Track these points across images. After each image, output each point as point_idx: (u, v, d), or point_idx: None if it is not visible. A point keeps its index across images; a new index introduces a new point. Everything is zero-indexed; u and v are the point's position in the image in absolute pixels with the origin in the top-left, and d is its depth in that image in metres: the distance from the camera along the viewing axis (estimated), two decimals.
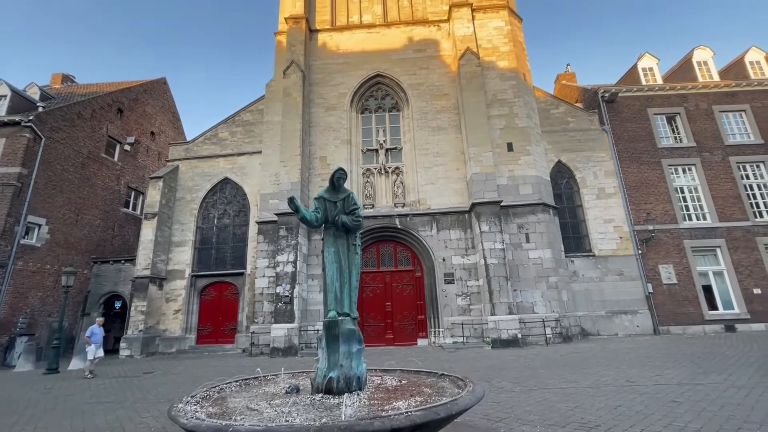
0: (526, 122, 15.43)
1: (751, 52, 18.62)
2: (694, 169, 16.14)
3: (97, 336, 10.85)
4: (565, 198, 16.06)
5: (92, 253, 17.97)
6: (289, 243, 14.03)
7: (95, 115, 18.97)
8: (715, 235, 15.16)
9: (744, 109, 16.83)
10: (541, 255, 13.82)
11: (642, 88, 17.28)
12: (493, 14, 17.11)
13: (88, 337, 10.82)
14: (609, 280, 14.85)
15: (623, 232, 15.34)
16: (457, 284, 14.16)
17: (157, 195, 16.25)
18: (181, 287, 16.06)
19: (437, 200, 15.19)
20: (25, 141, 15.41)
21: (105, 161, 19.40)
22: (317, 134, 16.48)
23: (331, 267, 4.76)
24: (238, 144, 17.54)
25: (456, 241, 14.56)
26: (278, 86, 16.70)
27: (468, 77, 15.60)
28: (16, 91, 16.97)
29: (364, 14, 18.46)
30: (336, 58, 17.50)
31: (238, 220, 16.80)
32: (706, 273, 14.96)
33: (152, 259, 15.55)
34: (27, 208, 15.16)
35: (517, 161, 14.94)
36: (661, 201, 15.64)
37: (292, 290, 13.51)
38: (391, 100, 17.17)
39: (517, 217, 14.28)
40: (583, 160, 16.30)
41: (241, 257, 16.28)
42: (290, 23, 17.29)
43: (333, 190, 5.19)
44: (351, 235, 5.00)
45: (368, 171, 16.18)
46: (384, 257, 15.30)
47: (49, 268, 16.02)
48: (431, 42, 17.40)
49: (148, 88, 23.09)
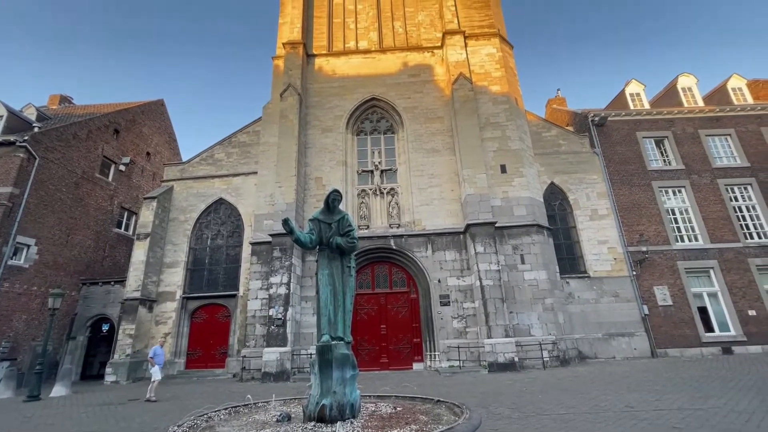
0: (518, 145, 15.71)
1: (732, 79, 19.33)
2: (684, 191, 16.42)
3: (160, 357, 10.65)
4: (558, 219, 16.19)
5: (81, 275, 17.62)
6: (283, 264, 13.89)
7: (91, 136, 19.02)
8: (707, 257, 15.28)
9: (729, 133, 17.32)
10: (536, 276, 13.78)
11: (630, 112, 17.78)
12: (485, 41, 17.70)
13: (151, 358, 10.59)
14: (605, 301, 14.80)
15: (617, 253, 15.41)
16: (452, 306, 14.01)
17: (151, 215, 16.12)
18: (171, 309, 15.72)
19: (432, 221, 15.22)
20: (19, 161, 15.34)
21: (99, 181, 19.32)
22: (313, 155, 16.62)
23: (325, 289, 4.71)
24: (233, 165, 17.60)
25: (451, 262, 14.51)
26: (275, 108, 16.95)
27: (461, 101, 15.96)
28: (12, 111, 17.02)
29: (360, 40, 19.01)
30: (332, 82, 17.87)
31: (231, 240, 16.66)
32: (701, 294, 14.98)
33: (143, 280, 15.27)
34: (16, 229, 14.94)
35: (511, 183, 15.12)
36: (654, 222, 15.82)
37: (285, 313, 13.27)
38: (387, 122, 17.46)
39: (512, 238, 14.32)
40: (575, 182, 16.54)
41: (233, 279, 16.04)
42: (288, 48, 17.72)
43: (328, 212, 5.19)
44: (345, 257, 4.97)
45: (363, 192, 16.25)
46: (379, 279, 15.16)
47: (36, 290, 15.64)
48: (425, 67, 17.88)
49: (146, 109, 23.30)
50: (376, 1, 19.68)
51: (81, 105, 23.86)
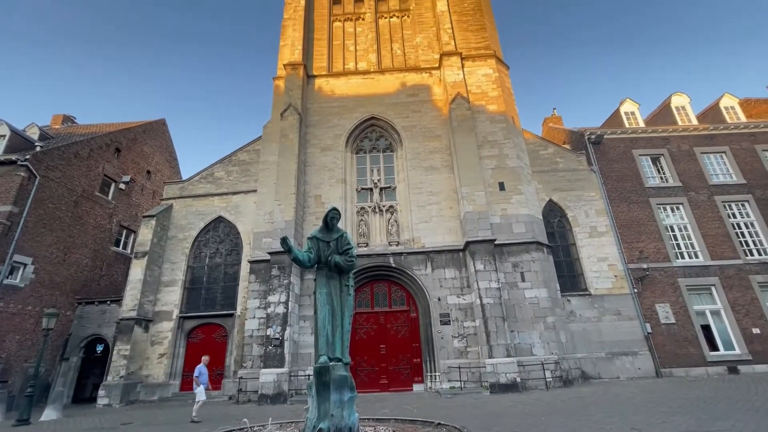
0: (516, 162, 15.85)
1: (725, 98, 19.72)
2: (682, 207, 16.48)
3: (204, 376, 10.39)
4: (558, 236, 16.17)
5: (77, 294, 17.43)
6: (281, 283, 13.77)
7: (92, 155, 19.18)
8: (708, 274, 15.20)
9: (724, 150, 17.52)
10: (537, 294, 13.66)
11: (626, 130, 18.03)
12: (481, 62, 18.10)
13: (196, 377, 10.32)
14: (607, 320, 14.62)
15: (617, 270, 15.33)
16: (453, 325, 13.82)
17: (149, 233, 16.08)
18: (167, 329, 15.48)
19: (431, 238, 15.19)
20: (19, 180, 15.41)
21: (98, 200, 19.36)
22: (312, 173, 16.73)
23: (323, 309, 4.66)
24: (233, 183, 17.69)
25: (451, 280, 14.40)
26: (275, 128, 17.16)
27: (459, 120, 16.19)
28: (15, 131, 17.21)
29: (360, 62, 19.43)
30: (332, 102, 18.17)
31: (230, 259, 16.57)
32: (704, 312, 14.83)
33: (140, 299, 15.09)
34: (14, 247, 14.86)
35: (509, 200, 15.17)
36: (653, 239, 15.80)
37: (282, 332, 13.07)
38: (385, 141, 17.66)
39: (512, 256, 14.26)
40: (573, 199, 16.60)
41: (231, 298, 15.88)
42: (288, 69, 18.09)
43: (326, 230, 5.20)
44: (344, 276, 4.95)
45: (362, 209, 16.28)
46: (378, 297, 15.01)
47: (30, 310, 15.43)
48: (423, 87, 18.22)
49: (148, 128, 23.58)
50: (375, 25, 20.22)
51: (83, 124, 24.16)
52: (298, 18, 19.50)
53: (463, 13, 19.59)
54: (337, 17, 20.71)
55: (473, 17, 19.48)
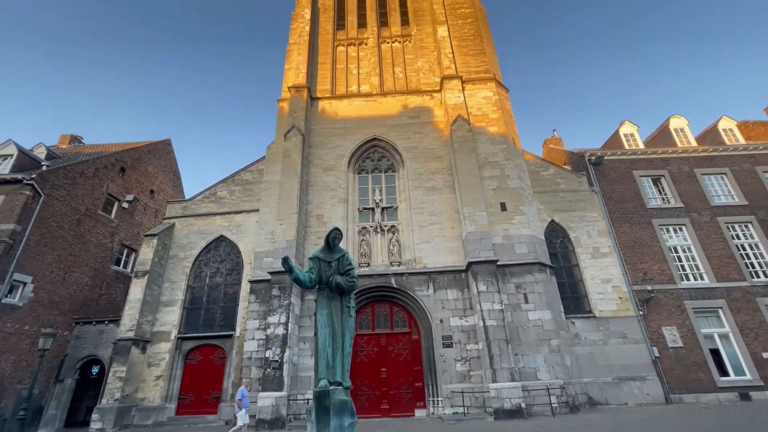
0: (517, 183, 15.92)
1: (722, 120, 19.95)
2: (685, 228, 16.40)
3: (246, 399, 10.20)
4: (561, 257, 16.04)
5: (75, 313, 17.25)
6: (282, 303, 13.61)
7: (97, 174, 19.39)
8: (714, 296, 14.96)
9: (724, 172, 17.58)
10: (540, 316, 13.43)
11: (626, 152, 18.17)
12: (481, 85, 18.47)
13: (239, 400, 10.11)
14: (612, 343, 14.31)
15: (622, 292, 15.12)
16: (455, 348, 13.54)
17: (150, 252, 16.04)
18: (165, 350, 15.21)
19: (433, 259, 15.09)
20: (24, 198, 15.53)
21: (101, 218, 19.43)
22: (314, 193, 16.82)
23: (324, 331, 4.59)
24: (236, 202, 17.76)
25: (453, 301, 14.21)
26: (279, 148, 17.38)
27: (460, 141, 16.38)
28: (22, 150, 17.48)
29: (362, 84, 19.87)
30: (335, 123, 18.47)
31: (230, 278, 16.45)
32: (712, 335, 14.51)
33: (138, 319, 14.90)
34: (14, 266, 14.83)
35: (511, 221, 15.15)
36: (657, 260, 15.65)
37: (282, 354, 12.82)
38: (387, 161, 17.83)
39: (515, 277, 14.11)
40: (575, 220, 16.57)
41: (231, 318, 15.67)
42: (293, 91, 18.49)
43: (328, 250, 5.18)
44: (345, 297, 4.89)
45: (364, 229, 16.27)
46: (379, 318, 14.79)
47: (27, 330, 15.25)
48: (425, 109, 18.54)
49: (153, 148, 23.91)
50: (378, 49, 20.78)
51: (90, 144, 24.54)
52: (302, 43, 20.07)
53: (463, 39, 20.14)
54: (341, 42, 21.32)
55: (473, 42, 20.02)
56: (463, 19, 20.81)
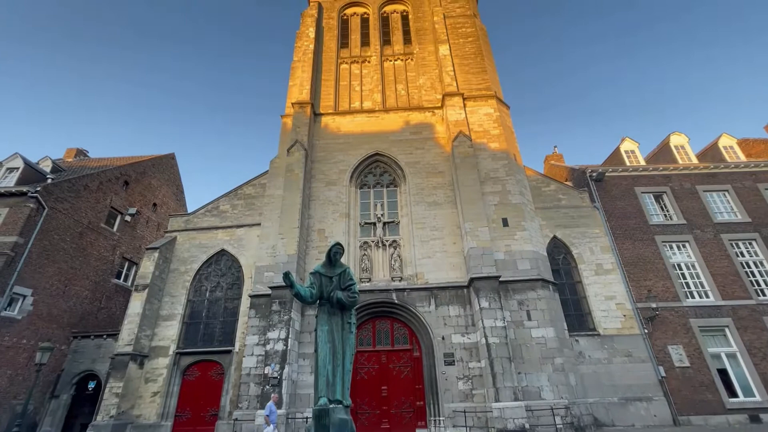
0: (519, 199, 15.93)
1: (723, 138, 20.06)
2: (688, 245, 16.29)
3: (274, 415, 10.14)
4: (563, 273, 15.91)
5: (74, 327, 17.12)
6: (282, 318, 13.48)
7: (101, 187, 19.54)
8: (720, 314, 14.75)
9: (726, 189, 17.57)
10: (544, 334, 13.24)
11: (627, 168, 18.21)
12: (482, 102, 18.71)
13: (266, 416, 10.06)
14: (617, 361, 14.04)
15: (626, 309, 14.93)
16: (457, 366, 13.31)
17: (151, 266, 15.99)
18: (163, 366, 15.00)
19: (435, 274, 15.00)
20: (28, 211, 15.63)
21: (103, 231, 19.49)
22: (316, 207, 16.86)
23: (324, 347, 4.53)
24: (238, 216, 17.80)
25: (455, 318, 14.05)
26: (281, 163, 17.53)
27: (462, 157, 16.49)
28: (28, 163, 17.69)
29: (365, 101, 20.16)
30: (337, 138, 18.66)
31: (231, 293, 16.35)
32: (719, 355, 14.23)
33: (137, 333, 14.75)
34: (15, 279, 14.80)
35: (513, 236, 15.10)
36: (661, 278, 15.50)
37: (281, 371, 12.62)
38: (389, 176, 17.92)
39: (517, 293, 13.98)
40: (578, 236, 16.49)
41: (230, 333, 15.50)
42: (296, 108, 18.76)
43: (329, 265, 5.16)
44: (346, 313, 4.85)
45: (366, 244, 16.23)
46: (380, 335, 14.60)
47: (25, 343, 15.11)
48: (426, 125, 18.74)
49: (157, 162, 24.15)
50: (380, 67, 21.16)
51: (95, 158, 24.82)
52: (306, 60, 20.47)
53: (465, 57, 20.51)
54: (344, 60, 21.74)
55: (474, 61, 20.38)
56: (464, 38, 21.24)
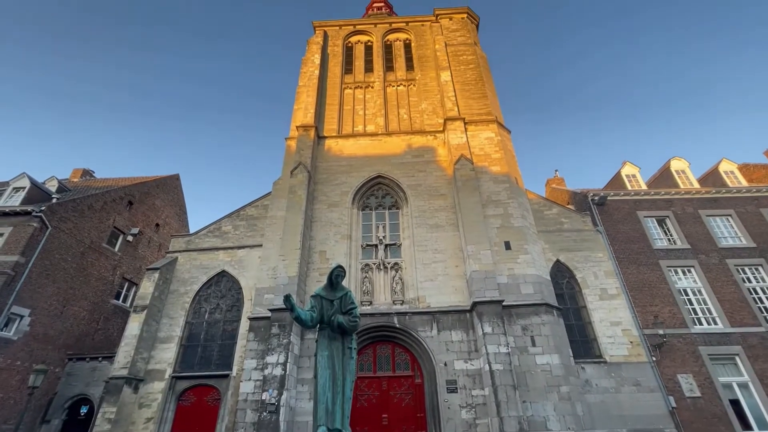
0: (521, 222, 15.90)
1: (723, 163, 20.16)
2: (694, 270, 16.08)
3: None
4: (567, 298, 15.66)
5: (69, 349, 16.83)
6: (281, 342, 13.23)
7: (105, 207, 19.67)
8: (730, 342, 14.38)
9: (729, 213, 17.51)
10: (549, 361, 12.90)
11: (629, 192, 18.25)
12: (483, 127, 19.01)
13: None
14: (626, 391, 13.59)
15: (632, 336, 14.58)
16: (460, 393, 12.92)
17: (151, 287, 15.85)
18: (158, 390, 14.61)
19: (437, 298, 14.80)
20: (31, 230, 15.69)
21: (105, 251, 19.47)
22: (318, 229, 16.86)
23: (324, 373, 4.42)
24: (239, 237, 17.78)
25: (458, 343, 13.75)
26: (284, 184, 17.67)
27: (463, 180, 16.60)
28: (35, 183, 17.89)
29: (368, 124, 20.52)
30: (340, 161, 18.88)
31: (230, 315, 16.11)
32: (731, 385, 13.78)
33: (133, 356, 14.44)
34: (14, 298, 14.69)
35: (516, 260, 14.98)
36: (667, 303, 15.23)
37: (279, 397, 12.27)
38: (391, 198, 18.00)
39: (521, 318, 13.72)
40: (581, 260, 16.33)
41: (228, 357, 15.17)
42: (300, 131, 19.09)
43: (330, 288, 5.10)
44: (347, 337, 4.76)
45: (367, 266, 16.12)
46: (381, 360, 14.27)
47: (19, 365, 14.83)
48: (428, 148, 18.97)
49: (161, 183, 24.39)
50: (383, 92, 21.66)
51: (101, 178, 25.12)
52: (311, 86, 21.00)
53: (466, 83, 21.00)
54: (348, 85, 22.29)
55: (475, 87, 20.85)
56: (465, 65, 21.82)
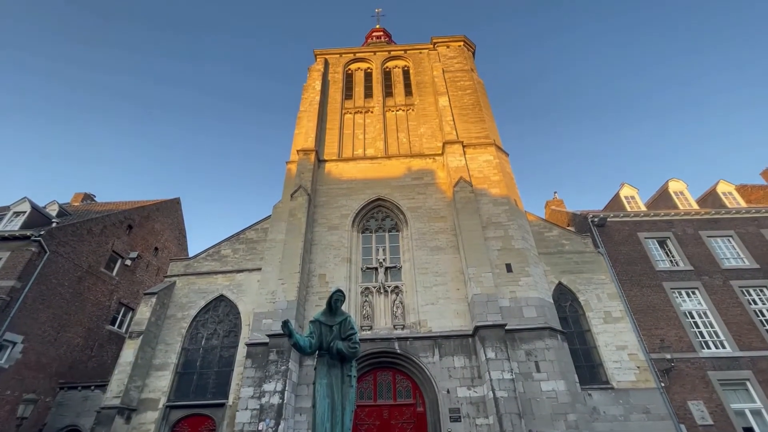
0: (522, 244, 15.82)
1: (720, 184, 20.25)
2: (698, 292, 15.87)
3: None
4: (571, 321, 15.37)
5: (62, 377, 16.38)
6: (279, 369, 12.88)
7: (105, 231, 19.63)
8: (740, 366, 14.00)
9: (730, 234, 17.45)
10: (554, 387, 12.52)
11: (628, 213, 18.25)
12: (482, 150, 19.24)
13: None
14: (635, 419, 13.12)
15: (639, 360, 14.22)
16: (464, 422, 12.46)
17: (148, 312, 15.58)
18: (151, 420, 14.11)
19: (438, 322, 14.53)
20: (29, 255, 15.59)
21: (102, 276, 19.28)
22: (318, 252, 16.76)
23: (323, 402, 4.26)
24: (239, 261, 17.64)
25: (461, 369, 13.39)
26: (285, 207, 17.71)
27: (463, 202, 16.64)
28: (35, 207, 17.93)
29: (368, 148, 20.78)
30: (340, 184, 18.99)
31: (227, 341, 15.77)
32: (743, 412, 13.32)
33: (126, 384, 14.03)
34: (7, 325, 14.42)
35: (518, 282, 14.81)
36: (673, 326, 14.94)
37: (276, 427, 11.83)
38: (391, 221, 17.99)
39: (524, 343, 13.42)
40: (584, 282, 16.14)
41: (224, 385, 14.73)
42: (301, 154, 19.31)
43: (330, 313, 5.00)
44: (346, 364, 4.62)
45: (367, 290, 15.91)
46: (382, 387, 13.85)
47: (8, 395, 14.38)
48: (428, 171, 19.13)
49: (161, 207, 24.45)
50: (383, 117, 22.06)
51: (102, 202, 25.21)
52: (312, 111, 21.40)
53: (464, 108, 21.42)
54: (348, 110, 22.74)
55: (472, 111, 21.26)
56: (463, 90, 22.33)
